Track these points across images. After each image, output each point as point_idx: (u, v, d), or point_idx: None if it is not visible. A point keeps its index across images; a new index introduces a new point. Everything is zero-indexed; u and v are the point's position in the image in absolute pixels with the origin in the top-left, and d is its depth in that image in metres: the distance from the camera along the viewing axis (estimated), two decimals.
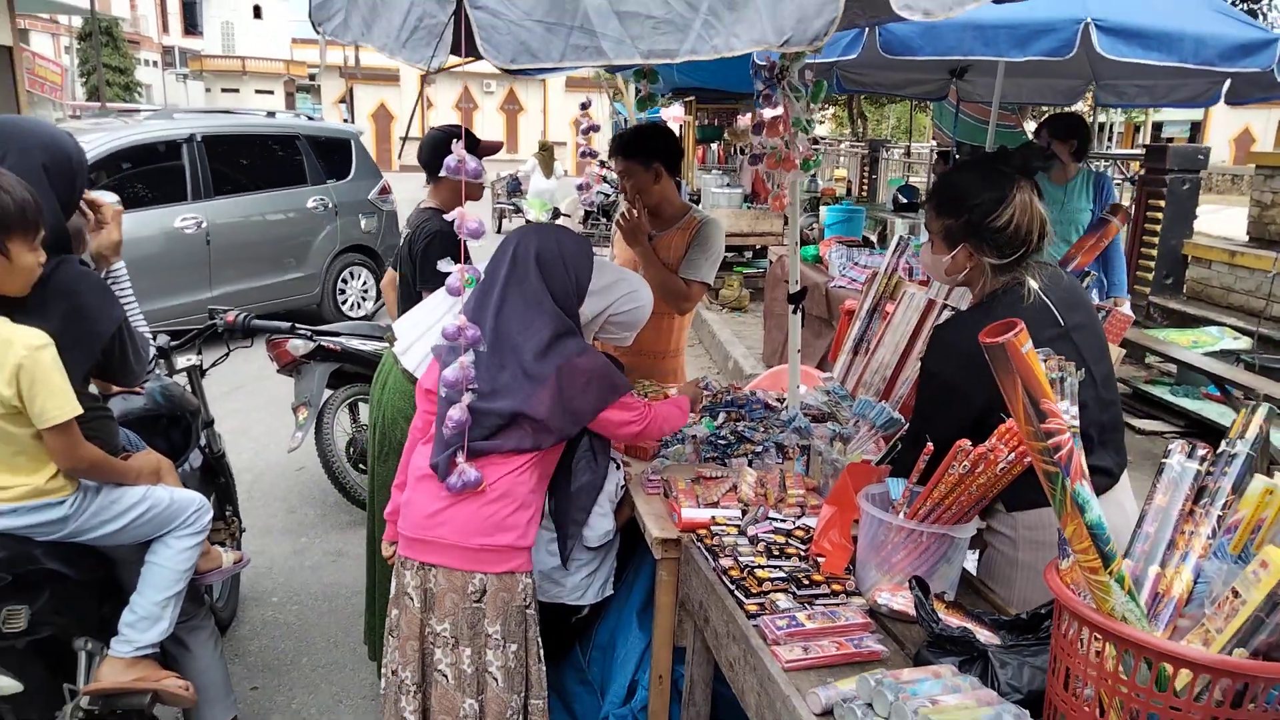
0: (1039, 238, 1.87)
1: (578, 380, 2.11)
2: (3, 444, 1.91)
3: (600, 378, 2.16)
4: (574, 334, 2.19)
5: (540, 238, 2.23)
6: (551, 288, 2.18)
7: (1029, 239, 1.87)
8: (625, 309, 2.64)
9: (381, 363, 2.79)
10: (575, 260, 2.23)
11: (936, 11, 1.41)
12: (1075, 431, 1.39)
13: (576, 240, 2.29)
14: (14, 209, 1.81)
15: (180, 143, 7.27)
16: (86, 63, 30.50)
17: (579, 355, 2.14)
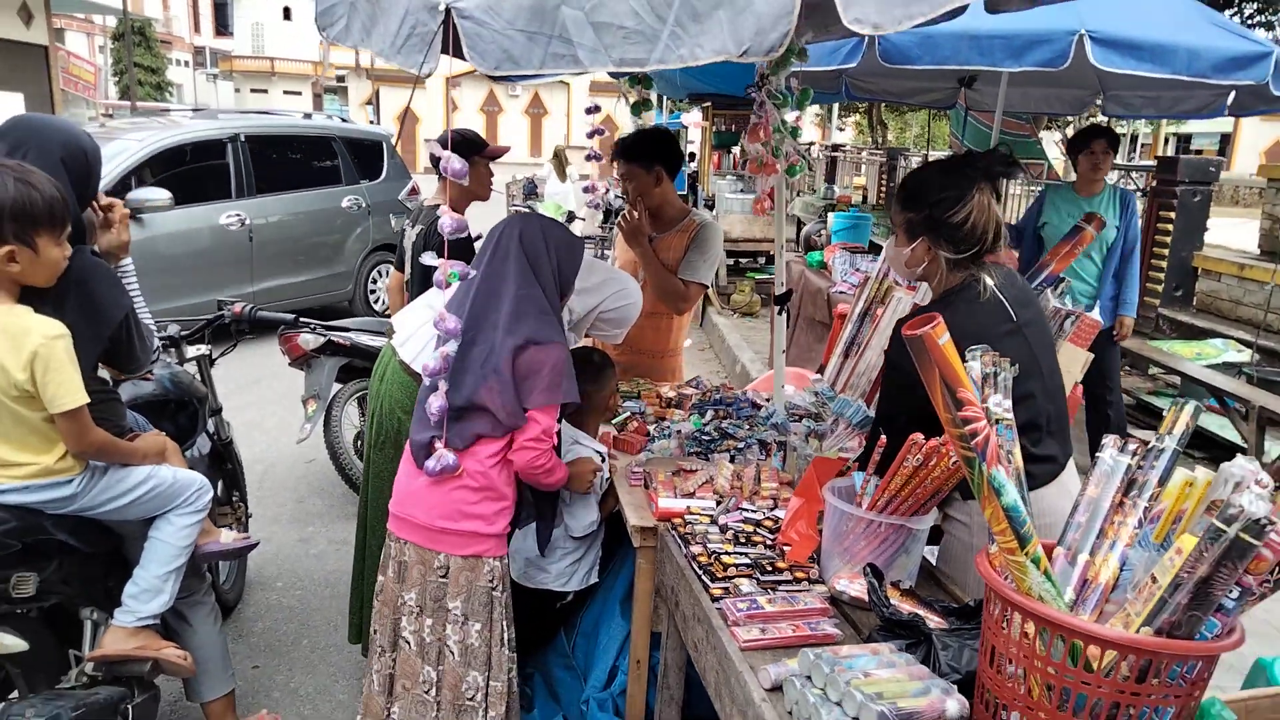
0: (994, 238, 1.96)
1: (534, 366, 2.16)
2: (16, 425, 2.03)
3: (554, 370, 2.18)
4: (547, 317, 2.23)
5: (524, 223, 2.31)
6: (533, 269, 2.24)
7: (984, 238, 1.96)
8: (615, 306, 2.75)
9: (381, 354, 2.90)
10: (560, 247, 2.31)
11: (886, 25, 1.50)
12: (1009, 424, 1.48)
13: (564, 230, 2.38)
14: (43, 206, 1.93)
15: (225, 142, 7.55)
16: (119, 62, 31.06)
17: (546, 344, 2.18)
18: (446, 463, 2.14)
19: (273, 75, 43.58)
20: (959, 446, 1.30)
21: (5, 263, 1.92)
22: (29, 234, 1.92)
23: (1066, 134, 24.17)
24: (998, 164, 1.97)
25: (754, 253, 9.56)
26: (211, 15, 49.76)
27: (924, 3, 1.48)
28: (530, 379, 2.18)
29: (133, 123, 8.81)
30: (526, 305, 2.21)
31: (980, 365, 1.47)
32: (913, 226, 2.03)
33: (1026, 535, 1.30)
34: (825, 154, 16.41)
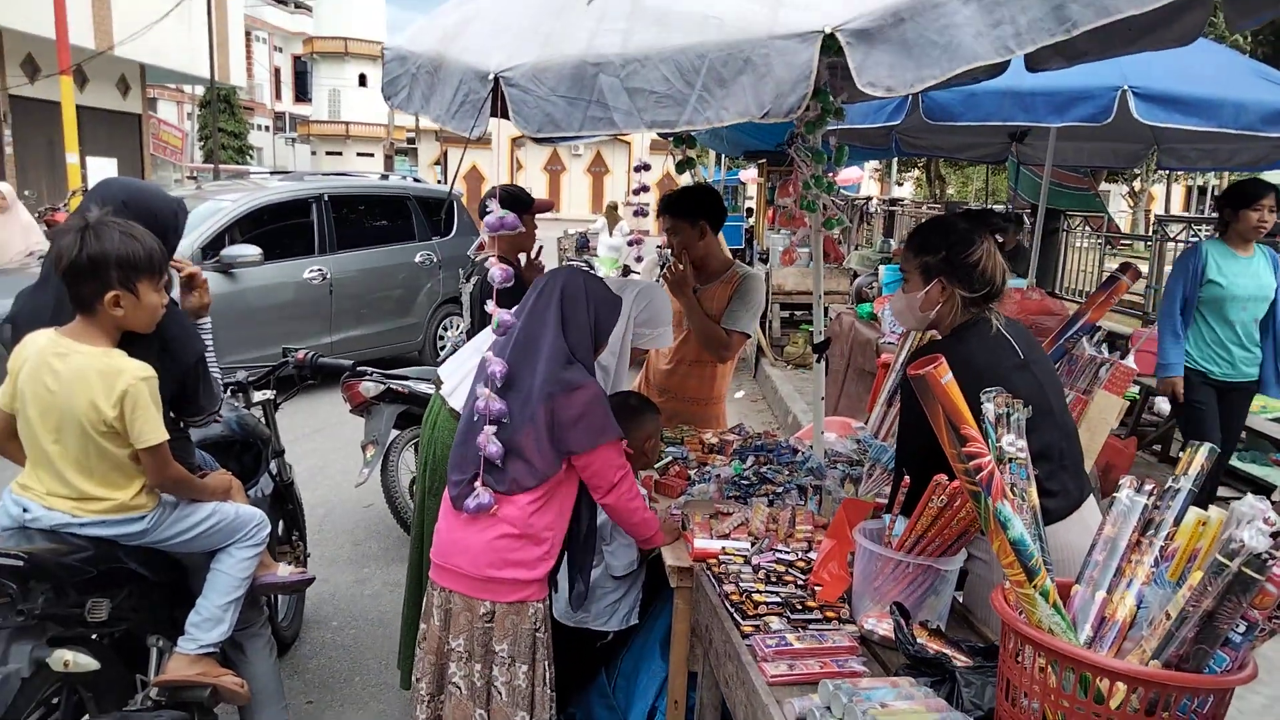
0: (1001, 283, 2.07)
1: (569, 411, 2.23)
2: (101, 460, 2.20)
3: (594, 413, 2.25)
4: (577, 366, 2.32)
5: (568, 276, 2.43)
6: (568, 320, 2.34)
7: (993, 281, 2.10)
8: (642, 307, 2.85)
9: (431, 402, 3.03)
10: (599, 302, 2.41)
11: (898, 88, 1.59)
12: (1023, 463, 1.52)
13: (604, 286, 2.49)
14: (143, 255, 2.12)
15: (310, 201, 8.04)
16: (205, 127, 32.77)
17: (577, 388, 2.26)
18: (482, 501, 2.23)
19: (347, 138, 45.48)
20: (965, 481, 1.35)
21: (111, 307, 2.11)
22: (132, 281, 2.11)
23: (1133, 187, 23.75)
24: (995, 218, 2.13)
25: (807, 305, 9.57)
26: (292, 83, 52.34)
27: (935, 65, 1.57)
28: (575, 425, 2.25)
29: (225, 185, 9.44)
30: (560, 354, 2.30)
31: (994, 406, 1.53)
32: (928, 269, 2.15)
33: (1034, 568, 1.34)
34: (883, 208, 16.43)
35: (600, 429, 2.28)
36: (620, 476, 2.32)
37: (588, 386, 2.29)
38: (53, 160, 19.07)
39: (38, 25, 16.85)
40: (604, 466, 2.30)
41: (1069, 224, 9.50)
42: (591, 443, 2.26)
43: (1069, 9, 1.54)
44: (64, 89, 14.77)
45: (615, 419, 2.33)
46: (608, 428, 2.29)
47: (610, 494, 2.32)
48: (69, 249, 2.08)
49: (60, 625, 2.14)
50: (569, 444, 2.26)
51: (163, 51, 22.02)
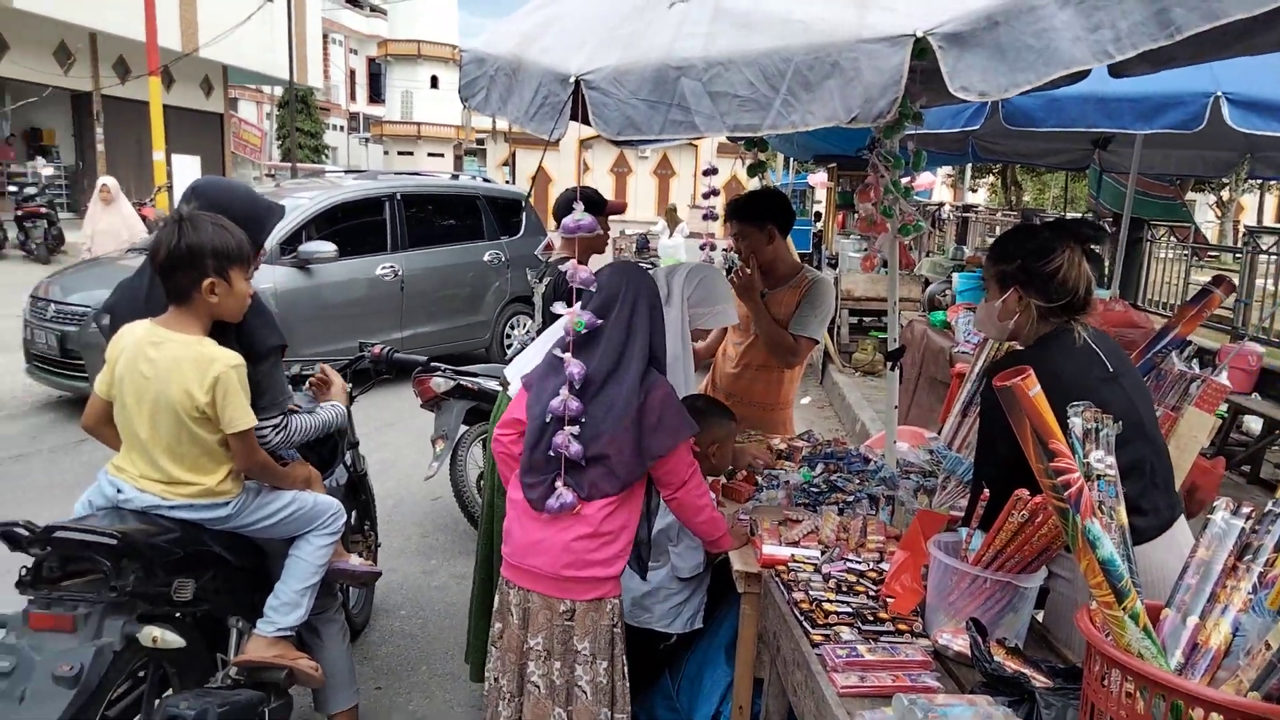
0: (1084, 296, 2.01)
1: (651, 415, 2.24)
2: (192, 446, 2.28)
3: (671, 412, 2.27)
4: (651, 370, 2.33)
5: (644, 282, 2.41)
6: (654, 327, 2.35)
7: (1075, 291, 2.04)
8: (693, 286, 2.85)
9: (498, 401, 3.06)
10: (661, 305, 2.43)
11: (992, 92, 1.55)
12: (1111, 480, 1.48)
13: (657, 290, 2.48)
14: (234, 245, 2.24)
15: (384, 200, 8.23)
16: (283, 127, 33.74)
17: (655, 389, 2.27)
18: (565, 501, 2.23)
19: (418, 139, 46.33)
20: (1051, 497, 1.32)
21: (207, 295, 2.21)
22: (226, 269, 2.22)
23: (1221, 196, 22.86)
24: (1085, 229, 2.08)
25: (877, 312, 9.46)
26: (366, 84, 53.59)
27: (1029, 70, 1.52)
28: (657, 428, 2.26)
29: (302, 183, 9.73)
30: (639, 356, 2.30)
31: (1082, 420, 1.49)
32: (1005, 278, 2.11)
33: (1124, 590, 1.30)
34: (956, 214, 16.10)
35: (678, 428, 2.29)
36: (690, 474, 2.32)
37: (662, 384, 2.30)
38: (140, 157, 19.89)
39: (129, 29, 17.59)
40: (677, 464, 2.30)
41: (1153, 234, 9.18)
42: (673, 443, 2.27)
43: (1173, 12, 1.48)
44: (152, 89, 15.38)
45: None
46: (684, 425, 2.29)
47: (680, 490, 2.31)
48: (167, 240, 2.19)
49: (149, 603, 2.23)
50: (653, 449, 2.26)
51: (244, 53, 22.79)
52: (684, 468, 2.30)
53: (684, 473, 2.30)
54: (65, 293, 6.72)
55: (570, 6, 2.37)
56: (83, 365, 6.35)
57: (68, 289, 6.78)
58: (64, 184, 20.19)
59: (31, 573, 2.14)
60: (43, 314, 6.63)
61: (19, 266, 13.55)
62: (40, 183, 15.57)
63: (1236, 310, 7.74)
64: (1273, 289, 7.95)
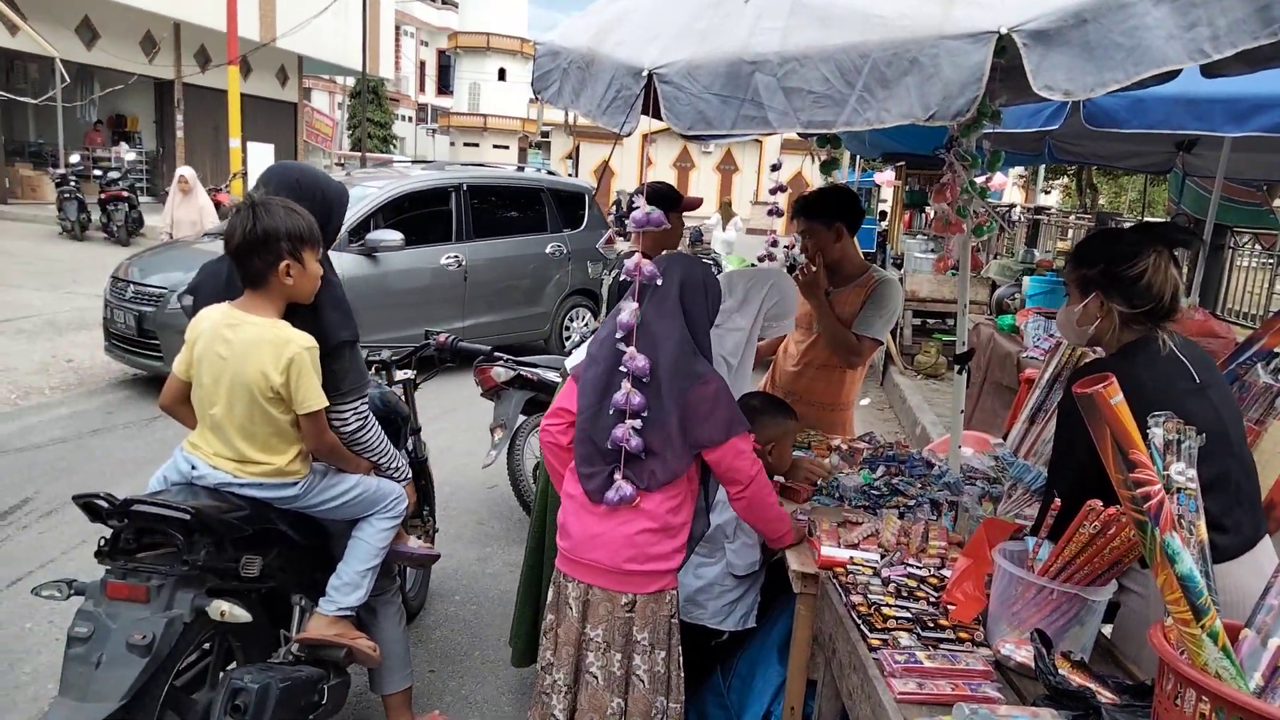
0: (1171, 302, 1.92)
1: (702, 405, 2.24)
2: (264, 425, 2.35)
3: (723, 404, 2.26)
4: (700, 358, 2.32)
5: (686, 265, 2.41)
6: (689, 312, 2.33)
7: (1160, 297, 1.96)
8: (774, 301, 2.87)
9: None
10: (714, 291, 2.42)
11: (1077, 92, 1.51)
12: (1192, 494, 1.42)
13: (712, 275, 2.47)
14: (306, 227, 2.30)
15: (449, 190, 8.34)
16: (354, 117, 34.44)
17: (706, 380, 2.27)
18: (624, 494, 2.24)
19: (484, 130, 46.85)
20: (1130, 509, 1.27)
21: (283, 277, 2.28)
22: (299, 251, 2.28)
23: None
24: (1175, 233, 2.02)
25: (941, 314, 9.29)
26: (435, 76, 54.36)
27: (1118, 69, 1.47)
28: (708, 418, 2.25)
29: (371, 172, 9.92)
30: (686, 346, 2.30)
31: (1164, 431, 1.44)
32: (1086, 282, 2.06)
33: (1203, 607, 1.25)
34: (1028, 216, 15.70)
35: (730, 420, 2.27)
36: (757, 470, 2.31)
37: (714, 378, 2.29)
38: (217, 144, 20.50)
39: (211, 19, 18.13)
40: (738, 459, 2.28)
41: (1236, 241, 8.83)
42: (724, 435, 2.25)
43: (1276, 9, 1.42)
44: (231, 78, 15.82)
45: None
46: (736, 419, 2.28)
47: (749, 488, 2.30)
48: (242, 224, 2.25)
49: (217, 577, 2.30)
50: (701, 438, 2.26)
51: (320, 44, 23.31)
52: (746, 464, 2.29)
53: (748, 469, 2.29)
54: (143, 274, 6.95)
55: (645, 1, 2.37)
56: (158, 345, 6.57)
57: (146, 271, 7.01)
58: (145, 169, 20.94)
59: (110, 543, 2.22)
60: (122, 294, 6.86)
61: (101, 248, 14.07)
62: (123, 167, 16.14)
63: None
64: None
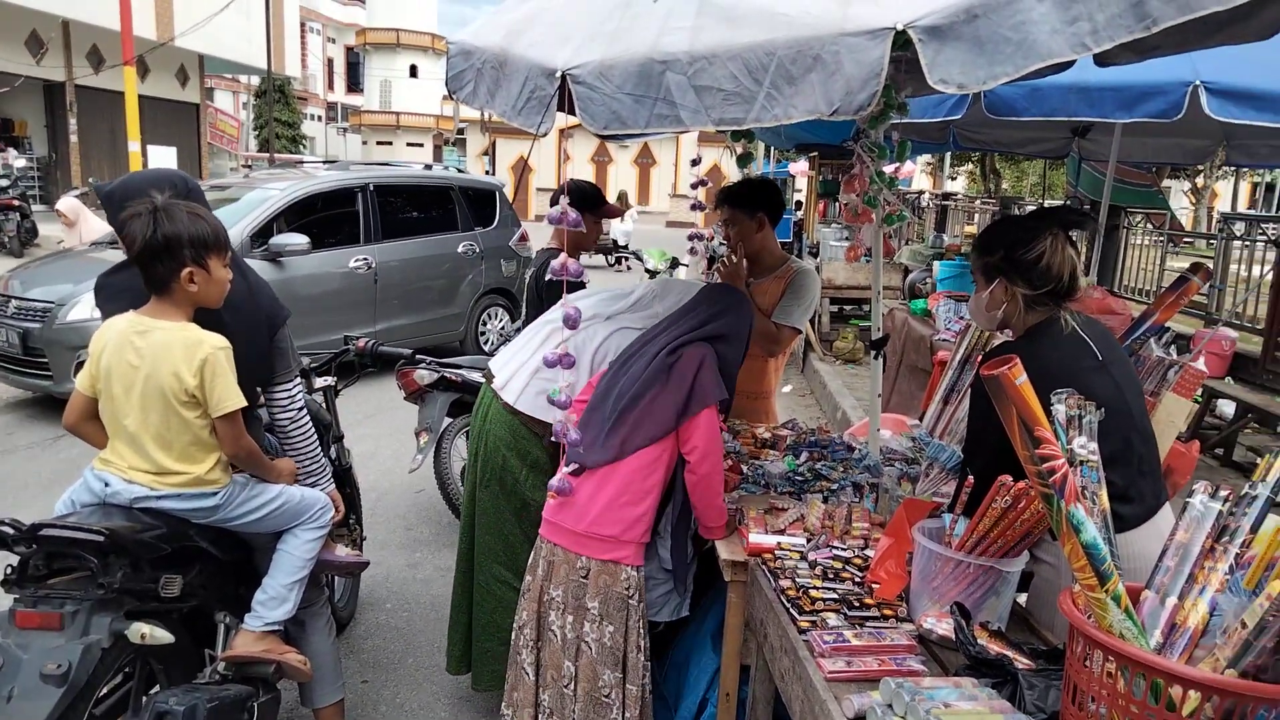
0: (1070, 281, 2.03)
1: (689, 367, 2.41)
2: (181, 433, 2.28)
3: (709, 372, 2.42)
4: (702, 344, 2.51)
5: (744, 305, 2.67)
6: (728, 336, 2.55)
7: (1060, 277, 2.06)
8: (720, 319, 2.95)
9: (481, 395, 3.06)
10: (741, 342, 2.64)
11: (970, 85, 1.57)
12: (1094, 465, 1.51)
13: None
14: (211, 232, 2.24)
15: (356, 191, 8.08)
16: (260, 117, 33.40)
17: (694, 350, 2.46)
18: (561, 485, 2.38)
19: (398, 128, 46.01)
20: (1037, 484, 1.34)
21: (186, 284, 2.21)
22: (204, 257, 2.22)
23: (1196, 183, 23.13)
24: (1070, 215, 2.14)
25: (857, 300, 9.52)
26: (344, 74, 53.12)
27: (1007, 62, 1.54)
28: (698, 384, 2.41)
29: (274, 174, 9.58)
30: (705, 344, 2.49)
31: (1065, 408, 1.51)
32: (990, 269, 2.15)
33: (1106, 573, 1.33)
34: (936, 203, 16.20)
35: (708, 387, 2.41)
36: (715, 446, 2.41)
37: (698, 348, 2.45)
38: (115, 148, 19.65)
39: (103, 17, 17.34)
40: (707, 430, 2.39)
41: (1130, 221, 9.28)
42: (701, 403, 2.38)
43: (1149, 5, 1.50)
44: (127, 79, 15.16)
45: None
46: (716, 386, 2.41)
47: (706, 462, 2.40)
48: (143, 230, 2.17)
49: (136, 599, 2.23)
50: (689, 406, 2.39)
51: (221, 42, 22.52)
52: (712, 436, 2.40)
53: (711, 441, 2.39)
54: (25, 288, 6.48)
55: (556, 1, 2.37)
56: (46, 364, 6.14)
57: (28, 284, 6.53)
58: (37, 176, 19.92)
59: (17, 571, 2.13)
60: (3, 310, 6.37)
61: None
62: (12, 175, 15.34)
63: (1211, 296, 7.85)
64: (1246, 275, 8.07)
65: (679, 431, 2.42)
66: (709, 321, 2.55)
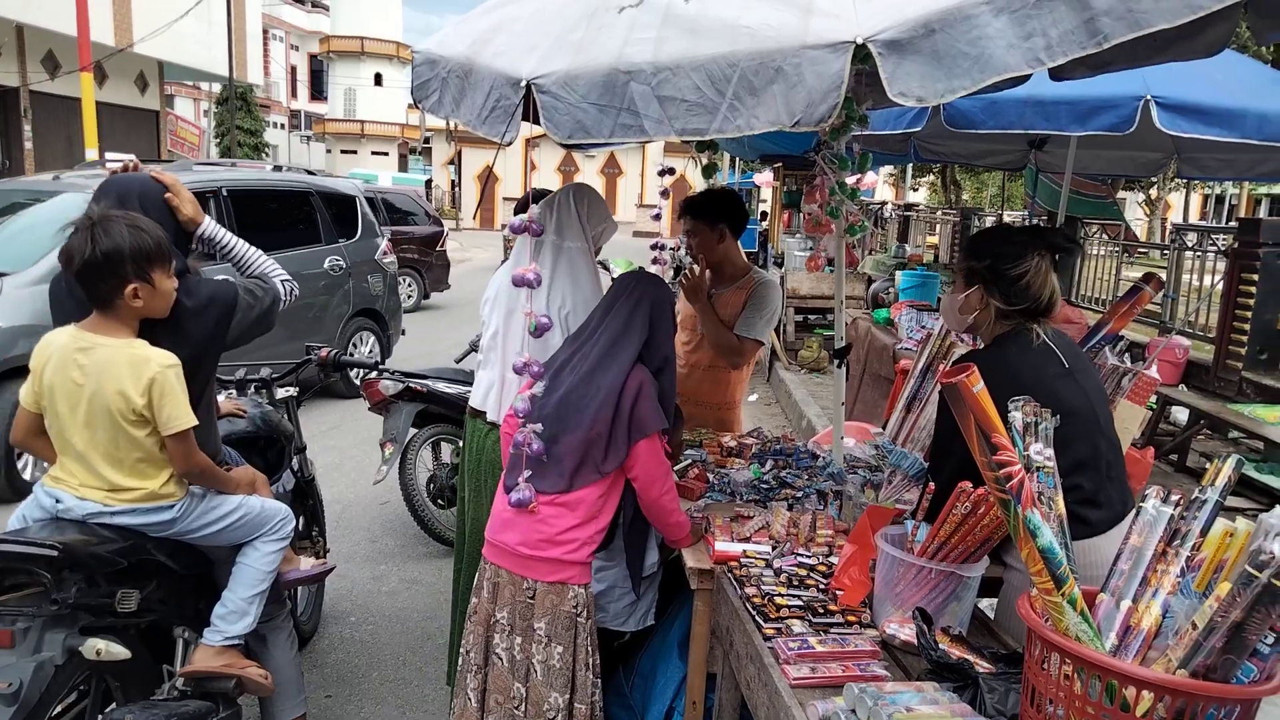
0: (1047, 304, 2.09)
1: (628, 398, 2.33)
2: (130, 450, 2.23)
3: (648, 400, 2.35)
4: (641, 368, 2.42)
5: (658, 290, 2.52)
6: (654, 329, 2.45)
7: (1037, 299, 2.10)
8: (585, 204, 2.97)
9: (469, 434, 3.02)
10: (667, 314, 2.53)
11: (929, 98, 1.61)
12: (1050, 471, 1.54)
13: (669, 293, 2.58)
14: (153, 245, 2.17)
15: (208, 196, 6.62)
16: (222, 124, 32.96)
17: (633, 376, 2.37)
18: (523, 496, 2.30)
19: (362, 137, 45.65)
20: (995, 490, 1.37)
21: (131, 299, 2.16)
22: (147, 271, 2.15)
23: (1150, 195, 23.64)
24: (1061, 239, 2.18)
25: (822, 310, 9.61)
26: (308, 81, 52.58)
27: (965, 76, 1.58)
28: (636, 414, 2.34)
29: (90, 173, 7.50)
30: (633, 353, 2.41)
31: (1022, 415, 1.54)
32: (972, 274, 2.18)
33: (1062, 576, 1.36)
34: (898, 213, 16.41)
35: (648, 417, 2.36)
36: (664, 473, 2.39)
37: (637, 373, 2.38)
38: (72, 155, 19.24)
39: (59, 22, 17.02)
40: (651, 459, 2.36)
41: (1086, 232, 9.47)
42: (641, 433, 2.33)
43: (1100, 22, 1.55)
44: (84, 85, 14.90)
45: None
46: (654, 416, 2.36)
47: (652, 489, 2.38)
48: (81, 246, 2.11)
49: (91, 615, 2.18)
50: (632, 434, 2.34)
51: (181, 49, 22.18)
52: (658, 464, 2.37)
53: (659, 470, 2.37)
54: None
55: (522, 9, 2.38)
56: None
57: None
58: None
59: None
60: None
61: None
62: None
63: (1165, 305, 8.03)
64: (1198, 284, 8.26)
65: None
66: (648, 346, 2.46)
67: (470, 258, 20.38)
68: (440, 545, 4.67)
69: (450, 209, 36.88)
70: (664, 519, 2.44)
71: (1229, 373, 7.08)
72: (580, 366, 2.39)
